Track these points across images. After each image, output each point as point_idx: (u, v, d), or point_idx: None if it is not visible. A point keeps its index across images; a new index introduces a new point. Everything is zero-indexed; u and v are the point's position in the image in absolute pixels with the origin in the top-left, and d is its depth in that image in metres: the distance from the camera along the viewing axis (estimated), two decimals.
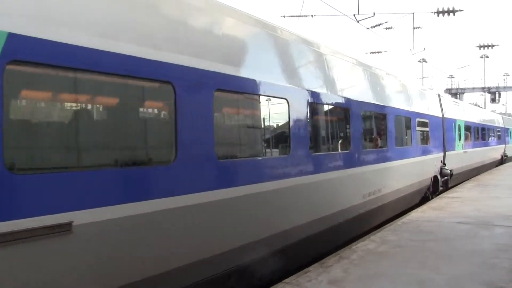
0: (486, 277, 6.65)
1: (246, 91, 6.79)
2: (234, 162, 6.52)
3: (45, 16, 4.19)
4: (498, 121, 34.61)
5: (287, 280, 6.64)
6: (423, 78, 56.52)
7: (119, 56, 4.80)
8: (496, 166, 31.91)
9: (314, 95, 8.50)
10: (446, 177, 17.99)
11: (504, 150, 35.26)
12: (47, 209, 3.98)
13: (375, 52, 43.10)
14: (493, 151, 30.56)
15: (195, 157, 5.71)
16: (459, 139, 20.73)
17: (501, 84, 63.81)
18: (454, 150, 19.69)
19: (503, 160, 34.59)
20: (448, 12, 23.16)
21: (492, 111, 49.48)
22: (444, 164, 17.95)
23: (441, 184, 17.49)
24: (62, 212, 4.07)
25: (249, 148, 7.18)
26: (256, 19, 7.46)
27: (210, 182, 5.96)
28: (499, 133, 33.48)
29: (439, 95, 18.84)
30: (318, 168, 8.47)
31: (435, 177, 16.96)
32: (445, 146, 18.10)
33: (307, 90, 8.30)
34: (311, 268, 7.22)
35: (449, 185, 18.72)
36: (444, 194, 16.22)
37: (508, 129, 38.31)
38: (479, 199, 14.61)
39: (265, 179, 6.99)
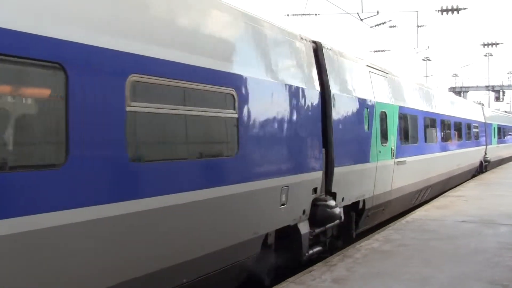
0: (489, 275, 6.67)
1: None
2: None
3: None
4: (477, 114, 24.87)
5: (291, 278, 6.67)
6: (427, 76, 56.43)
7: None
8: (473, 176, 23.15)
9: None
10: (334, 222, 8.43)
11: (485, 154, 25.50)
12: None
13: (379, 51, 43.09)
14: (466, 156, 20.70)
15: None
16: (385, 139, 11.12)
17: (505, 83, 63.64)
18: (366, 161, 10.02)
19: (483, 167, 25.21)
20: (452, 10, 23.13)
21: (496, 109, 48.79)
22: (325, 194, 8.42)
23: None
24: None
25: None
26: None
27: None
28: (476, 130, 23.60)
29: (315, 44, 8.68)
30: None
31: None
32: (332, 155, 8.54)
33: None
34: (315, 267, 7.26)
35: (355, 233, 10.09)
36: (448, 193, 16.22)
37: (491, 125, 28.05)
38: (483, 198, 14.60)
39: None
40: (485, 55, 61.68)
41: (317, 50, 8.67)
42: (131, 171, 4.67)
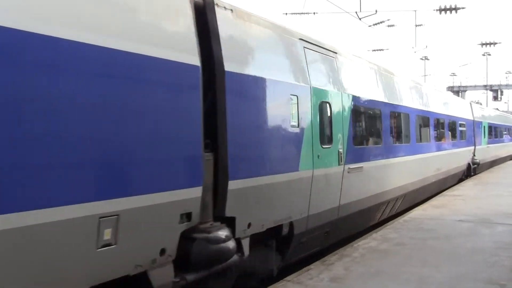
0: (486, 275, 6.68)
1: None
2: None
3: None
4: (464, 110, 21.93)
5: (288, 278, 6.68)
6: (425, 75, 56.49)
7: None
8: (460, 180, 20.62)
9: None
10: None
11: (473, 155, 22.57)
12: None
13: (377, 50, 43.11)
14: (449, 158, 17.86)
15: None
16: (329, 139, 8.45)
17: (503, 82, 63.67)
18: (293, 169, 7.32)
19: (471, 170, 22.30)
20: (451, 9, 23.15)
21: (495, 109, 48.65)
22: None
23: None
24: None
25: None
26: None
27: None
28: (463, 129, 20.66)
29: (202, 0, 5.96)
30: None
31: None
32: (224, 162, 5.90)
33: None
34: (312, 266, 7.26)
35: None
36: (445, 192, 16.24)
37: (480, 123, 25.22)
38: (481, 197, 14.63)
39: None
40: (483, 55, 61.78)
41: (205, 9, 5.88)
42: None
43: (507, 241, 8.65)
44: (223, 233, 5.63)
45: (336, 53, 9.21)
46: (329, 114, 8.50)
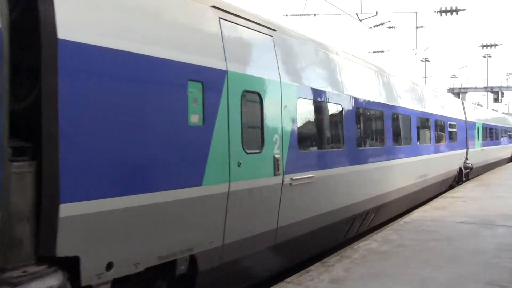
0: (488, 276, 6.64)
1: None
2: None
3: None
4: (455, 109, 19.73)
5: (288, 279, 6.65)
6: (425, 77, 56.46)
7: None
8: (450, 187, 18.79)
9: None
10: None
11: (466, 159, 20.47)
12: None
13: (377, 52, 43.09)
14: (435, 163, 15.60)
15: None
16: (258, 141, 6.60)
17: (504, 84, 63.71)
18: (194, 183, 5.40)
19: (463, 176, 20.27)
20: (451, 11, 23.19)
21: (493, 110, 48.54)
22: None
23: None
24: None
25: None
26: None
27: None
28: (453, 130, 18.55)
29: None
30: None
31: None
32: (54, 178, 3.94)
33: None
34: (312, 267, 7.23)
35: None
36: (446, 194, 16.20)
37: (474, 124, 22.91)
38: (482, 199, 14.59)
39: None
40: (484, 56, 61.90)
41: None
42: None
43: (509, 243, 8.60)
44: (44, 283, 3.75)
45: (274, 30, 7.25)
46: (258, 108, 6.59)
